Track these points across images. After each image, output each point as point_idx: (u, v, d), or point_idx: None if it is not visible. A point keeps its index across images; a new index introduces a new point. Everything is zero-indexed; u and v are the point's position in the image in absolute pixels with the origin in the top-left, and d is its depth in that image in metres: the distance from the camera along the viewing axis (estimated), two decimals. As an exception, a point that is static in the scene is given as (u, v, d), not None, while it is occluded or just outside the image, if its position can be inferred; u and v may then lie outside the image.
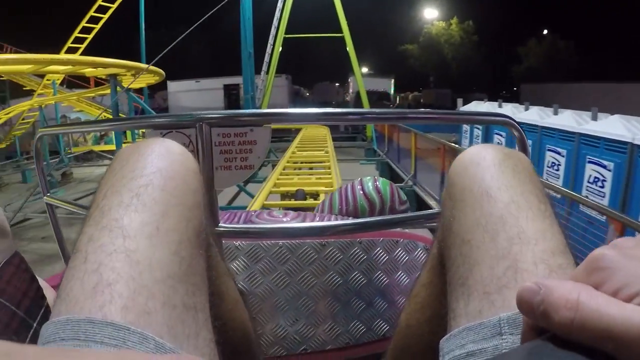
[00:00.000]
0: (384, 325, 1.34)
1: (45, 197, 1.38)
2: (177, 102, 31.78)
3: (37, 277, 0.84)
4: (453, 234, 0.67)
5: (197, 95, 31.01)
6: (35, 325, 0.76)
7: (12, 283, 0.78)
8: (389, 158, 14.01)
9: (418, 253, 1.42)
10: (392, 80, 41.32)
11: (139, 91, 15.69)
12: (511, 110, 10.04)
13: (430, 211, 1.21)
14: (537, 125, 7.94)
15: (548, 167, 7.44)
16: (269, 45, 19.84)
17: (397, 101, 43.77)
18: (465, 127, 11.76)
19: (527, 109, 9.39)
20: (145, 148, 0.66)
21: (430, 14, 49.62)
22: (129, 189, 0.60)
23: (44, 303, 0.81)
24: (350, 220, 1.21)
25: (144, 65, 8.04)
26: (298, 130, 13.84)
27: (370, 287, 1.34)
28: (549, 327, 0.38)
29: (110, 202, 0.59)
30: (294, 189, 5.13)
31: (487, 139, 10.07)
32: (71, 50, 15.38)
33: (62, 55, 8.19)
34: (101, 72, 9.13)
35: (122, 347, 0.46)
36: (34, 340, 0.73)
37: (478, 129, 10.78)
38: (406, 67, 51.02)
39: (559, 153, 7.19)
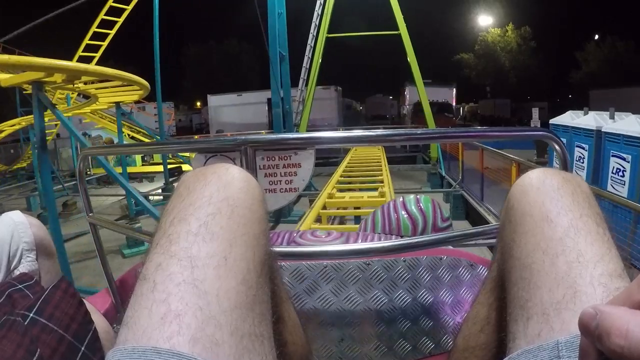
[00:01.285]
0: (429, 344, 1.37)
1: (88, 217, 1.47)
2: (218, 117, 30.64)
3: (85, 301, 0.88)
4: (513, 258, 0.70)
5: (239, 109, 29.85)
6: (83, 349, 0.81)
7: (60, 307, 0.83)
8: (465, 190, 10.57)
9: (461, 270, 1.45)
10: (454, 90, 38.07)
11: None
12: (594, 118, 7.97)
13: (475, 229, 1.25)
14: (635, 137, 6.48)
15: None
16: (308, 47, 17.12)
17: (461, 112, 40.05)
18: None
19: (586, 114, 7.93)
20: (212, 175, 0.69)
21: (485, 21, 48.28)
22: (196, 217, 0.62)
23: (91, 327, 0.85)
24: (396, 241, 1.25)
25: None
26: (347, 149, 11.94)
27: (414, 305, 1.37)
28: (604, 352, 0.39)
29: (178, 230, 0.61)
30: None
31: (597, 159, 7.55)
32: (84, 60, 13.97)
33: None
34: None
35: None
36: None
37: (583, 148, 7.94)
38: (461, 77, 49.67)
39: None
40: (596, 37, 42.68)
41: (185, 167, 15.32)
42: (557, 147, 1.15)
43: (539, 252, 0.65)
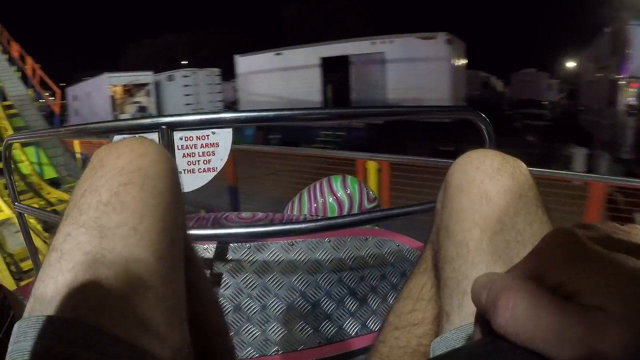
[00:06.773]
0: (355, 324, 1.51)
1: (15, 205, 1.58)
2: (249, 88, 23.50)
3: (5, 288, 0.93)
4: (450, 236, 0.77)
5: (278, 78, 22.34)
6: (1, 336, 0.84)
7: None
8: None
9: (387, 251, 1.59)
10: None
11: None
12: None
13: (399, 208, 1.42)
14: None
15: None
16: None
17: None
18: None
19: None
20: (125, 147, 0.73)
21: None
22: (107, 188, 0.66)
23: (10, 313, 0.89)
24: (319, 220, 1.42)
25: None
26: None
27: (339, 286, 1.51)
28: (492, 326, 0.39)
29: (88, 201, 0.65)
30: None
31: None
32: None
33: None
34: None
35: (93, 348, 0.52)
36: None
37: None
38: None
39: None
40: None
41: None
42: (483, 127, 1.28)
43: (476, 230, 0.72)
